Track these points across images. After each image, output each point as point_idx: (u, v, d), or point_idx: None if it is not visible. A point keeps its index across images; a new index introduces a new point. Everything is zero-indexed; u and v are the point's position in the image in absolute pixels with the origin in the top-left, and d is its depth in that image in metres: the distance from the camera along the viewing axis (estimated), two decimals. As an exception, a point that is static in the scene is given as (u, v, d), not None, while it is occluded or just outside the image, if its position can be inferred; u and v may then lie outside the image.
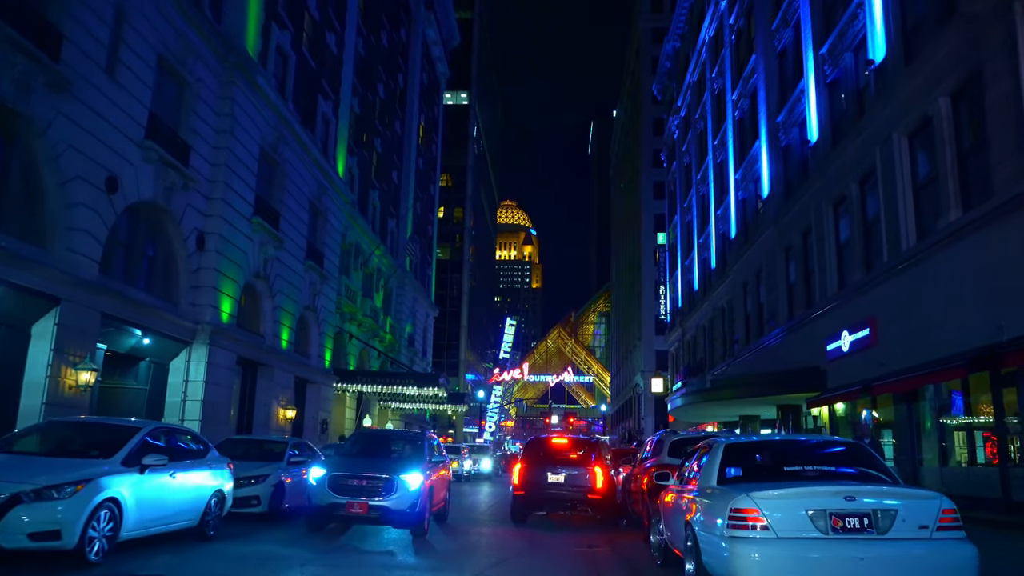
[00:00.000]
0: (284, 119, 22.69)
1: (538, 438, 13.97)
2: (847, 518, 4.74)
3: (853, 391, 17.56)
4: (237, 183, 19.86)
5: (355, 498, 10.05)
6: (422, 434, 12.67)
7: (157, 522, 8.13)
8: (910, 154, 16.57)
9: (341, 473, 10.38)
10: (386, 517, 10.08)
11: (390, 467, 10.50)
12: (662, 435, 11.22)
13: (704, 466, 5.98)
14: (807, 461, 5.71)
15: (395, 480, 10.18)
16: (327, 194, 27.55)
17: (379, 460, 11.27)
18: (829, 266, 20.88)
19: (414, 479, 10.27)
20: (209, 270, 18.73)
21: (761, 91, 27.75)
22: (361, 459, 11.40)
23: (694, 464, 6.59)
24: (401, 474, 10.29)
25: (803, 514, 4.76)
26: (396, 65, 41.50)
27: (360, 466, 10.70)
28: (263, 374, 22.56)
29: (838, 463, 5.79)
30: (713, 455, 5.90)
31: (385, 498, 10.03)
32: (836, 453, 6.06)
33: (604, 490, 12.14)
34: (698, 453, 6.66)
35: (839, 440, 6.49)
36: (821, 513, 4.75)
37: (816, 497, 4.81)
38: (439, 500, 12.03)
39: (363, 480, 10.24)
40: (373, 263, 36.66)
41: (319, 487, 10.24)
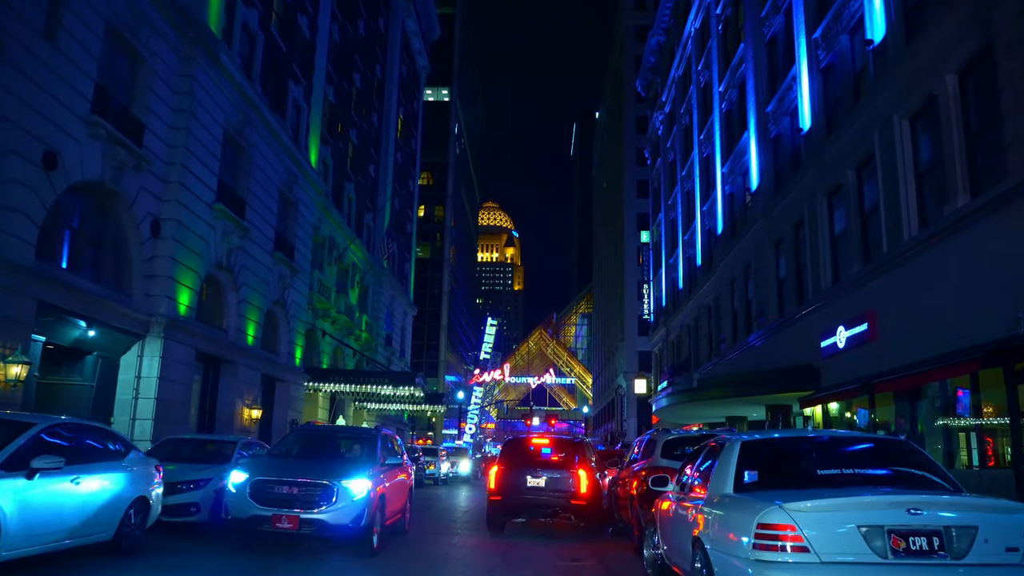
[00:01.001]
0: (250, 101, 21.42)
1: (517, 438, 12.78)
2: (912, 537, 3.65)
3: (850, 389, 16.60)
4: (197, 167, 18.58)
5: (283, 509, 8.34)
6: (375, 430, 10.94)
7: (52, 537, 6.76)
8: (912, 138, 15.66)
9: (267, 478, 8.60)
10: (323, 532, 8.38)
11: (331, 470, 8.82)
12: (653, 434, 10.11)
13: (715, 469, 4.89)
14: (845, 462, 4.61)
15: (335, 486, 8.48)
16: (298, 183, 26.28)
17: (319, 462, 9.55)
18: (823, 259, 19.97)
19: (359, 485, 8.66)
20: (165, 259, 17.43)
21: (750, 81, 26.88)
22: (296, 460, 9.75)
23: (698, 467, 5.52)
24: (344, 479, 8.60)
25: (854, 531, 3.67)
26: (374, 55, 40.26)
27: (293, 469, 9.05)
28: (226, 371, 21.25)
29: (884, 465, 4.67)
30: (726, 456, 4.80)
31: (322, 509, 8.37)
32: (880, 452, 4.90)
33: (589, 495, 11.03)
34: (703, 454, 5.58)
35: (881, 437, 5.37)
36: (877, 530, 3.65)
37: (870, 509, 3.71)
38: (396, 510, 10.47)
39: (294, 487, 8.49)
40: (348, 258, 35.37)
41: (238, 495, 8.50)
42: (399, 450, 11.55)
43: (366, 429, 11.81)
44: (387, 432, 11.25)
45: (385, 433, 11.01)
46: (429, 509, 17.24)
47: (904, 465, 4.54)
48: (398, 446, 11.66)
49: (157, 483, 8.56)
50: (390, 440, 11.12)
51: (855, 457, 4.75)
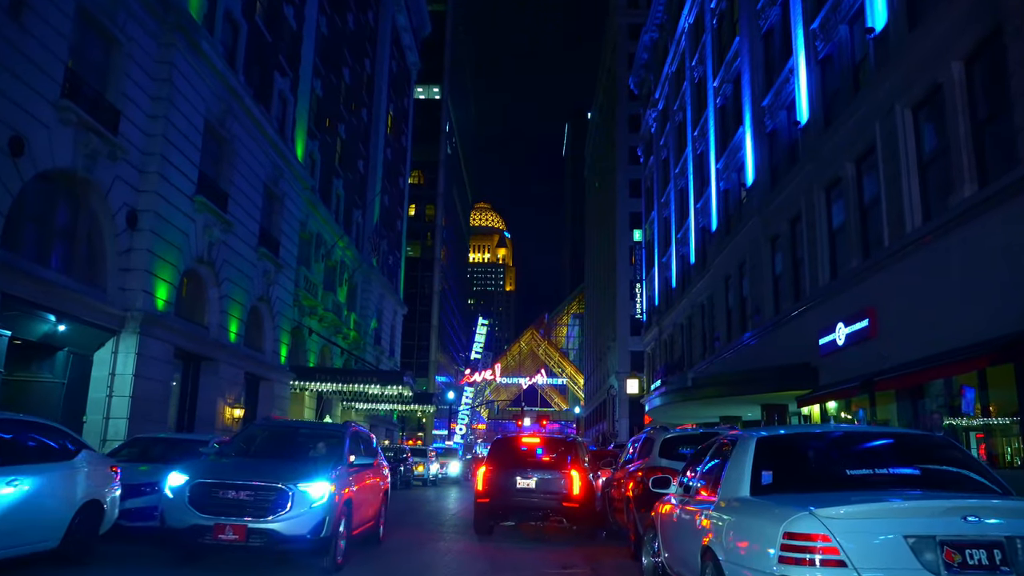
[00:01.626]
0: (233, 91, 20.78)
1: (506, 437, 12.16)
2: (969, 549, 3.06)
3: (850, 388, 16.12)
4: (176, 157, 17.93)
5: (228, 518, 7.19)
6: (342, 426, 9.74)
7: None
8: (915, 128, 15.18)
9: (210, 480, 7.47)
10: (275, 544, 7.23)
11: (286, 472, 7.67)
12: (650, 433, 9.52)
13: (727, 470, 4.32)
14: (876, 461, 4.04)
15: (290, 491, 7.35)
16: (284, 177, 25.63)
17: (274, 462, 8.40)
18: (821, 254, 19.49)
19: (319, 489, 7.53)
20: (142, 251, 16.77)
21: (745, 74, 26.41)
22: (248, 461, 8.58)
23: (705, 467, 4.96)
24: (301, 482, 7.48)
25: (899, 542, 3.09)
26: (363, 50, 39.62)
27: (242, 470, 7.89)
28: (207, 369, 20.59)
29: (921, 464, 4.08)
30: (740, 454, 4.23)
31: (274, 517, 7.23)
32: (916, 450, 4.28)
33: (582, 497, 10.45)
34: (710, 453, 5.02)
35: (917, 432, 4.80)
36: (927, 541, 3.07)
37: (919, 516, 3.13)
38: (367, 517, 9.31)
39: (242, 491, 7.33)
40: (336, 255, 34.72)
41: (175, 502, 7.36)
42: (373, 449, 10.46)
43: (332, 425, 10.93)
44: (358, 429, 9.94)
45: (355, 430, 9.70)
46: (415, 512, 16.66)
47: (944, 464, 3.99)
48: (372, 445, 10.60)
49: (113, 485, 7.88)
50: (361, 438, 9.94)
51: (888, 455, 4.14)
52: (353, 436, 9.38)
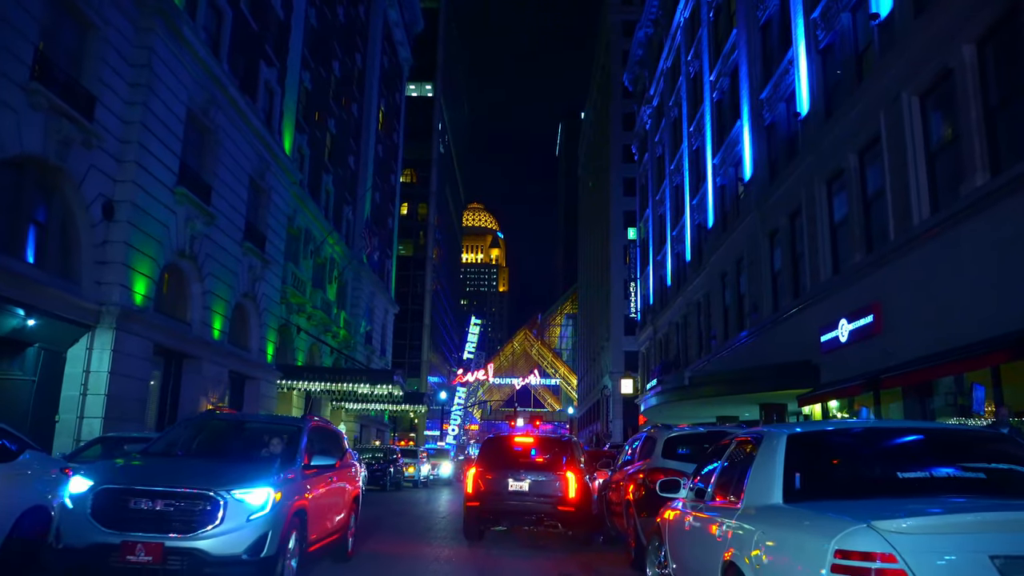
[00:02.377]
0: (216, 80, 20.10)
1: (498, 436, 11.50)
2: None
3: (855, 385, 15.58)
4: (156, 146, 17.25)
5: (141, 534, 5.81)
6: (299, 420, 8.31)
7: None
8: (922, 116, 14.64)
9: (118, 486, 6.07)
10: (200, 567, 5.85)
11: (218, 475, 6.33)
12: (651, 431, 8.90)
13: (752, 472, 3.70)
14: (931, 462, 3.44)
15: (221, 499, 5.98)
16: (271, 170, 24.95)
17: (206, 463, 7.09)
18: (822, 249, 18.96)
19: (259, 496, 6.18)
20: (119, 244, 16.09)
21: (743, 67, 25.89)
22: (174, 461, 7.18)
23: (722, 469, 4.36)
24: (236, 488, 6.11)
25: (982, 563, 2.46)
26: (354, 44, 38.97)
27: (162, 473, 6.48)
28: (190, 367, 19.90)
29: (986, 465, 3.44)
30: (768, 454, 3.61)
31: (200, 533, 5.88)
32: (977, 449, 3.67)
33: (578, 500, 9.84)
34: (728, 453, 4.41)
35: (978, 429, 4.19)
36: (1016, 562, 2.49)
37: (1009, 531, 2.51)
38: (330, 529, 8.00)
39: (159, 499, 5.96)
40: (326, 252, 34.05)
41: (75, 513, 6.00)
42: (341, 448, 9.07)
43: (287, 419, 9.29)
44: (320, 424, 8.54)
45: (316, 425, 8.26)
46: (402, 515, 16.03)
47: (1014, 464, 3.39)
48: (340, 443, 9.23)
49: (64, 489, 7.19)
50: (324, 435, 8.50)
51: (944, 454, 3.52)
52: (313, 432, 7.98)
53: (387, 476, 25.67)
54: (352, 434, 39.97)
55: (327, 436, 8.66)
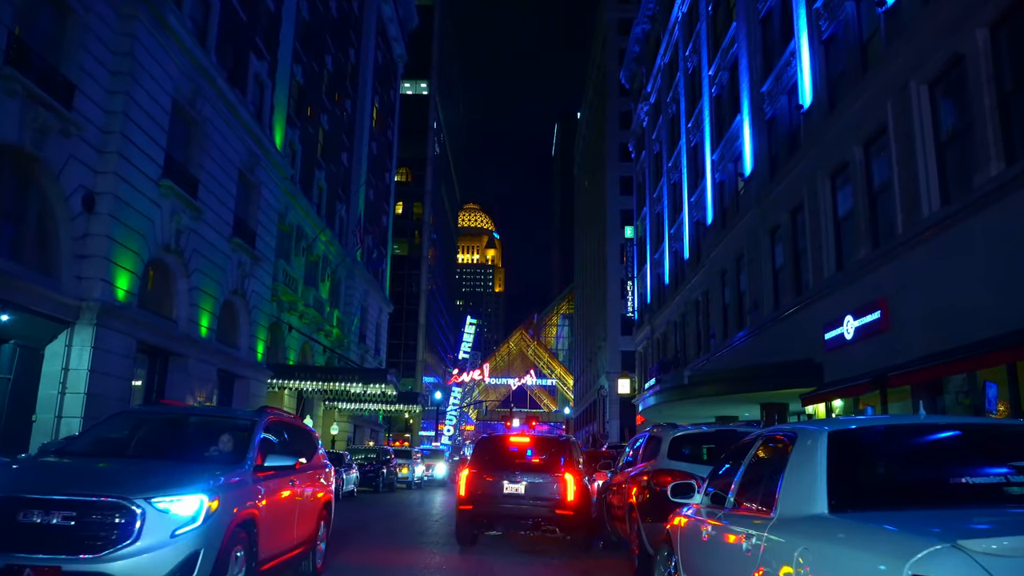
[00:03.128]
0: (203, 71, 19.54)
1: (492, 435, 10.94)
2: None
3: (861, 384, 15.09)
4: (140, 137, 16.69)
5: (32, 555, 4.70)
6: (255, 414, 7.02)
7: None
8: (932, 105, 14.16)
9: (7, 495, 4.94)
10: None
11: (137, 479, 5.24)
12: (655, 431, 8.35)
13: (786, 476, 3.15)
14: (1003, 465, 2.93)
15: (138, 509, 4.88)
16: (261, 165, 24.39)
17: (124, 465, 5.91)
18: (825, 245, 18.47)
19: (188, 505, 5.11)
20: (100, 237, 15.53)
21: (743, 60, 25.42)
22: (87, 462, 5.91)
23: (746, 473, 3.84)
24: (158, 496, 5.02)
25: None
26: (347, 39, 38.40)
27: (67, 478, 5.37)
28: (176, 365, 19.34)
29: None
30: (805, 455, 3.06)
31: (110, 553, 4.75)
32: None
33: (577, 503, 9.31)
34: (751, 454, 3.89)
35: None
36: None
37: None
38: (291, 542, 6.91)
39: (57, 511, 4.82)
40: (319, 249, 33.47)
41: None
42: (309, 447, 7.92)
43: (239, 412, 8.02)
44: (280, 418, 7.39)
45: (276, 420, 7.13)
46: (391, 519, 15.50)
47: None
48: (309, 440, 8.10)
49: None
50: (286, 430, 7.38)
51: (1012, 457, 3.06)
52: (272, 428, 6.87)
53: (380, 477, 25.15)
54: (345, 435, 39.39)
55: (292, 433, 7.57)
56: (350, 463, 22.45)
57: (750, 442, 3.99)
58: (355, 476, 22.45)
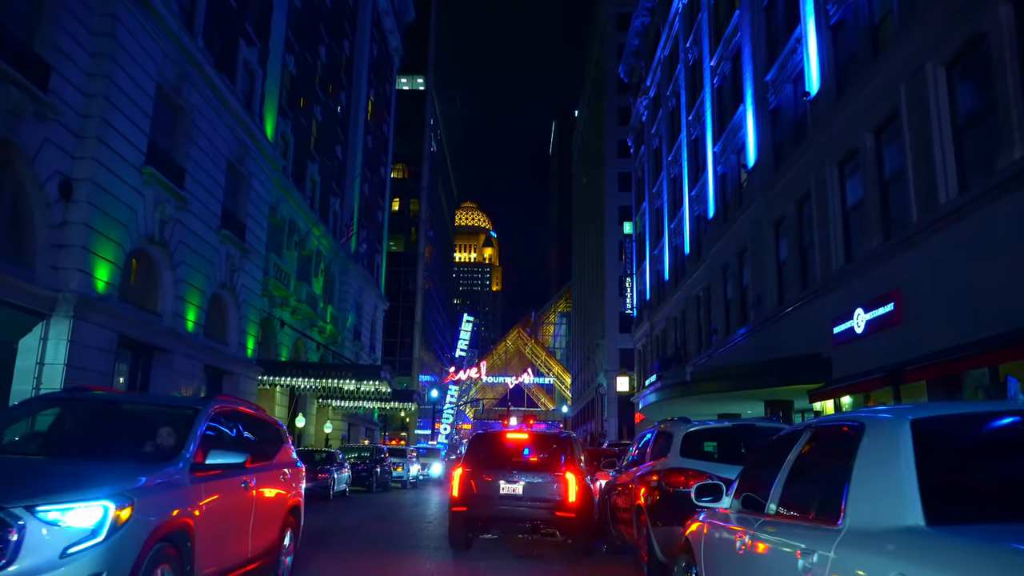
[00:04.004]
0: (189, 56, 18.85)
1: (487, 432, 10.23)
2: None
3: (874, 379, 14.44)
4: (121, 122, 16.00)
5: None
6: (200, 401, 5.87)
7: None
8: (949, 87, 13.52)
9: None
10: None
11: (22, 482, 4.23)
12: (664, 426, 7.61)
13: (855, 479, 2.45)
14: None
15: (16, 520, 3.87)
16: (251, 155, 23.70)
17: (19, 464, 4.83)
18: (833, 236, 17.85)
19: (84, 516, 4.07)
20: (78, 226, 14.84)
21: (746, 49, 24.80)
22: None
23: (787, 474, 3.17)
24: (44, 503, 4.02)
25: None
26: (341, 30, 37.69)
27: None
28: (160, 360, 18.65)
29: None
30: (882, 452, 2.36)
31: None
32: None
33: (579, 505, 8.64)
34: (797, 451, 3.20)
35: None
36: None
37: None
38: (247, 555, 5.91)
39: None
40: (312, 244, 32.77)
41: None
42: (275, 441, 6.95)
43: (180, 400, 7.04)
44: (232, 407, 6.22)
45: (224, 409, 5.95)
46: (384, 519, 14.85)
47: None
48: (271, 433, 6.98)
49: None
50: (242, 422, 6.27)
51: None
52: (222, 418, 5.81)
53: (373, 477, 24.48)
54: (339, 433, 38.71)
55: (251, 425, 6.43)
56: (342, 462, 21.78)
57: (793, 435, 3.34)
58: (347, 475, 21.79)
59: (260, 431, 6.68)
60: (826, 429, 3.11)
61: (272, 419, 7.31)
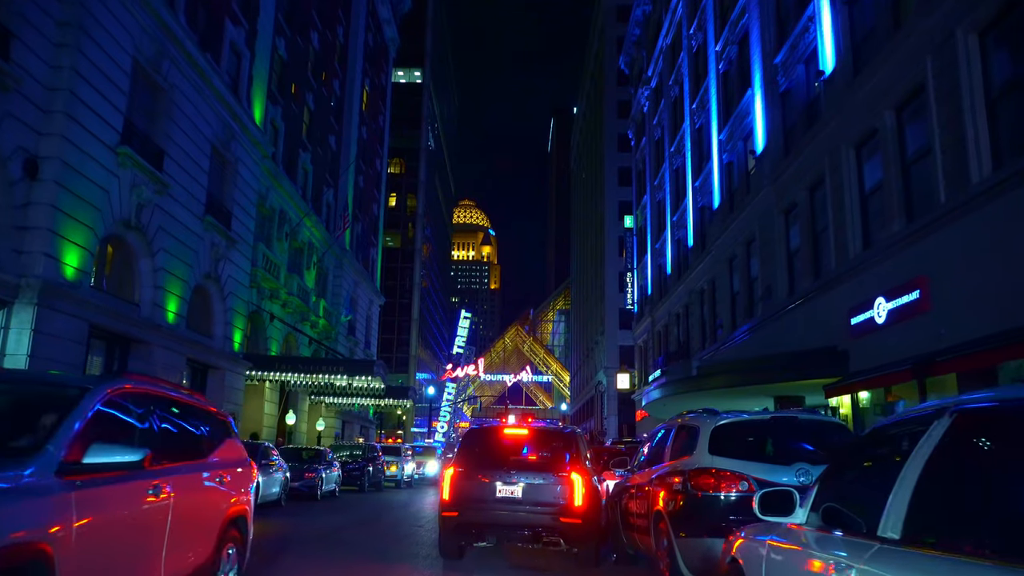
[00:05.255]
0: (169, 31, 17.82)
1: (483, 427, 9.14)
2: None
3: (899, 371, 13.46)
4: (93, 98, 14.97)
5: None
6: (93, 380, 4.52)
7: None
8: (982, 55, 12.53)
9: None
10: None
11: None
12: (686, 419, 6.44)
13: None
14: None
15: None
16: (238, 140, 22.66)
17: None
18: (850, 222, 16.88)
19: None
20: (44, 207, 13.82)
21: (755, 31, 23.82)
22: None
23: (913, 483, 2.13)
24: None
25: None
26: (335, 16, 36.63)
27: None
28: (138, 353, 17.64)
29: None
30: None
31: None
32: None
33: (585, 509, 7.60)
34: (924, 450, 2.14)
35: None
36: None
37: None
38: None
39: None
40: (304, 235, 31.73)
41: None
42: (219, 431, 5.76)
43: (60, 378, 4.98)
44: (147, 387, 4.80)
45: (131, 389, 4.58)
46: (372, 523, 13.85)
47: None
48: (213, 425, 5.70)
49: None
50: (159, 408, 4.83)
51: None
52: (126, 403, 4.45)
53: (365, 476, 23.47)
54: (333, 431, 37.69)
55: (174, 414, 5.06)
56: (331, 460, 20.77)
57: (913, 425, 2.33)
58: (337, 475, 20.78)
59: (191, 421, 5.36)
60: (987, 412, 2.09)
61: (212, 407, 5.97)
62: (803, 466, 5.25)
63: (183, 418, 5.23)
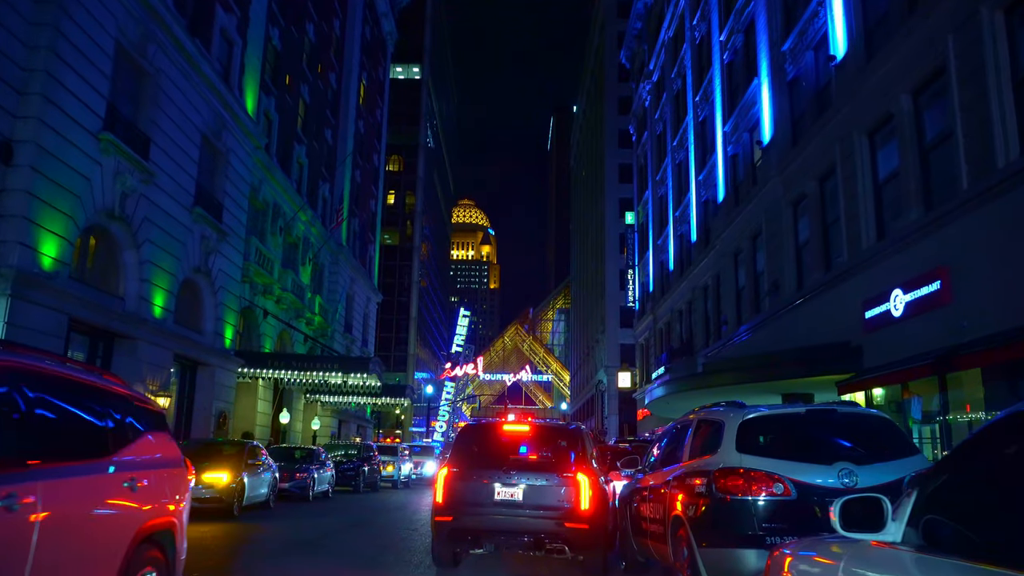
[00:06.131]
0: (155, 13, 17.15)
1: (480, 423, 8.44)
2: None
3: (918, 367, 12.82)
4: (72, 80, 14.29)
5: None
6: None
7: None
8: (1008, 35, 11.87)
9: None
10: None
11: None
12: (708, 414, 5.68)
13: None
14: None
15: None
16: (229, 130, 21.99)
17: None
18: (863, 212, 16.22)
19: None
20: (19, 193, 13.15)
21: (761, 19, 23.17)
22: None
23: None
24: None
25: None
26: (331, 7, 35.94)
27: None
28: (122, 348, 16.96)
29: None
30: None
31: None
32: None
33: (592, 513, 6.91)
34: None
35: None
36: None
37: None
38: None
39: None
40: (298, 230, 31.05)
41: None
42: (142, 423, 4.58)
43: None
44: (30, 364, 3.55)
45: (6, 364, 3.36)
46: (365, 526, 13.17)
47: None
48: (135, 416, 4.52)
49: None
50: (48, 392, 3.63)
51: None
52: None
53: (360, 476, 22.79)
54: (329, 430, 37.01)
55: (64, 398, 3.82)
56: (325, 460, 20.09)
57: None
58: (330, 475, 20.08)
59: (89, 409, 4.06)
60: None
61: (129, 391, 4.68)
62: (846, 466, 4.59)
63: (76, 404, 3.95)
